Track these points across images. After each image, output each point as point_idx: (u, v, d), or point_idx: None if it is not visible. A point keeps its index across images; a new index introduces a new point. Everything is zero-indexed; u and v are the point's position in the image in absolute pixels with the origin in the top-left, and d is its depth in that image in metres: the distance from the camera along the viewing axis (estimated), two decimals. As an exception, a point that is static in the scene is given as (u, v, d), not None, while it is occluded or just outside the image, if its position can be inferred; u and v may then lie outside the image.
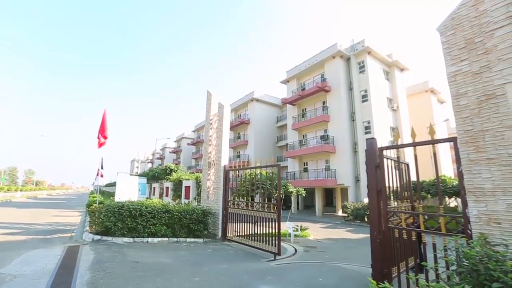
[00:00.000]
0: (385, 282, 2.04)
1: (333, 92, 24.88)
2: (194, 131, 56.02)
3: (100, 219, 8.42)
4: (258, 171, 9.43)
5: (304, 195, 14.02)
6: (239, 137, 37.81)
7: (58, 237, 8.42)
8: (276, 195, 7.73)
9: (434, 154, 4.00)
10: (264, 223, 7.65)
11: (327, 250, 9.01)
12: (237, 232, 8.69)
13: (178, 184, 20.22)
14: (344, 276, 5.71)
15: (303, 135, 27.89)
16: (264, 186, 9.30)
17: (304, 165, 27.11)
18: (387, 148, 4.61)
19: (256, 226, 8.00)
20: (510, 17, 3.23)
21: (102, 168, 13.79)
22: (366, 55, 24.06)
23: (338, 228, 15.64)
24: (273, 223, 7.37)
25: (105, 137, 11.22)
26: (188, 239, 8.78)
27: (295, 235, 10.34)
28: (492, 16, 3.39)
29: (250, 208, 8.48)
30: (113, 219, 8.04)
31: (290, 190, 12.39)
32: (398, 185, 5.09)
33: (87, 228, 9.33)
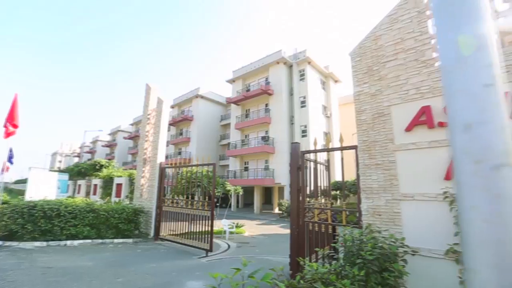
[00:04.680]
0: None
1: (275, 95, 26.22)
2: (132, 124, 51.67)
3: (3, 222, 7.24)
4: (195, 169, 9.42)
5: (241, 193, 14.52)
6: (181, 134, 36.49)
7: None
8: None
9: (342, 159, 4.77)
10: (199, 221, 7.75)
11: (259, 245, 9.59)
12: (171, 230, 8.55)
13: (108, 181, 18.57)
14: (268, 267, 6.24)
15: (246, 135, 28.61)
16: (200, 184, 9.36)
17: (245, 164, 27.85)
18: (308, 152, 5.26)
19: (190, 224, 8.03)
20: (396, 54, 4.11)
21: (10, 161, 11.73)
22: (307, 65, 26.09)
23: (273, 224, 16.65)
24: (207, 220, 7.53)
25: (15, 126, 9.64)
26: (116, 240, 8.26)
27: (230, 232, 10.68)
28: (385, 51, 4.25)
29: (184, 206, 8.46)
30: (20, 221, 7.03)
31: (228, 188, 12.71)
32: (320, 184, 5.82)
33: (-15, 232, 7.89)
